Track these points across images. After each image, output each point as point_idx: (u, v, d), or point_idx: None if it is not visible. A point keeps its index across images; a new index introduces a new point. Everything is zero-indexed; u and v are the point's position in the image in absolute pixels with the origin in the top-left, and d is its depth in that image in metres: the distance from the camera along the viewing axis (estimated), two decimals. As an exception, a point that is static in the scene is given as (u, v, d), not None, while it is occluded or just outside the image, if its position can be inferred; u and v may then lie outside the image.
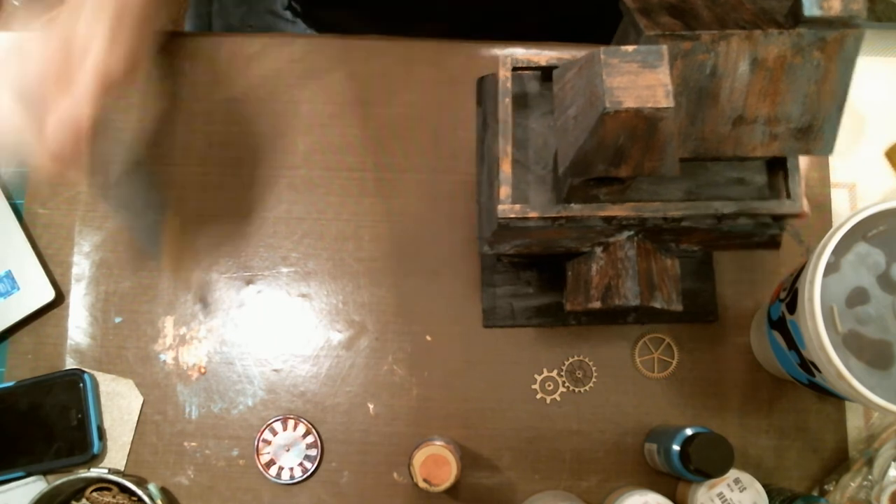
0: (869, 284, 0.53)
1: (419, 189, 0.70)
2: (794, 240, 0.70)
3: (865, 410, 0.67)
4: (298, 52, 0.72)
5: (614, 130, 0.41)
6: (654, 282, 0.53)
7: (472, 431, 0.66)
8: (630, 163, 0.44)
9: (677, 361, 0.67)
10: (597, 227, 0.51)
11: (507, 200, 0.50)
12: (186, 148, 0.71)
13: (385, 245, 0.69)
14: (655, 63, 0.40)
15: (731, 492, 0.60)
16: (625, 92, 0.40)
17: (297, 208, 0.70)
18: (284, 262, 0.69)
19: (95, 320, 0.68)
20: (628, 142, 0.42)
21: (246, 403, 0.67)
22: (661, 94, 0.40)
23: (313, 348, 0.68)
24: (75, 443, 0.65)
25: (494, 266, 0.67)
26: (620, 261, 0.53)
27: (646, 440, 0.66)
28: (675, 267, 0.56)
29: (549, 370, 0.67)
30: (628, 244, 0.53)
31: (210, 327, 0.68)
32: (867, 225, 0.53)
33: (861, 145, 0.72)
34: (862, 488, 0.62)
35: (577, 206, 0.50)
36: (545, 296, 0.67)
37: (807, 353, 0.54)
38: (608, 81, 0.40)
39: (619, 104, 0.40)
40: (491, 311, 0.67)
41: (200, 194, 0.70)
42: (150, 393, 0.67)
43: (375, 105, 0.71)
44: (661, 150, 0.43)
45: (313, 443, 0.66)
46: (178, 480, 0.66)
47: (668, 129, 0.41)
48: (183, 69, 0.72)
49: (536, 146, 0.53)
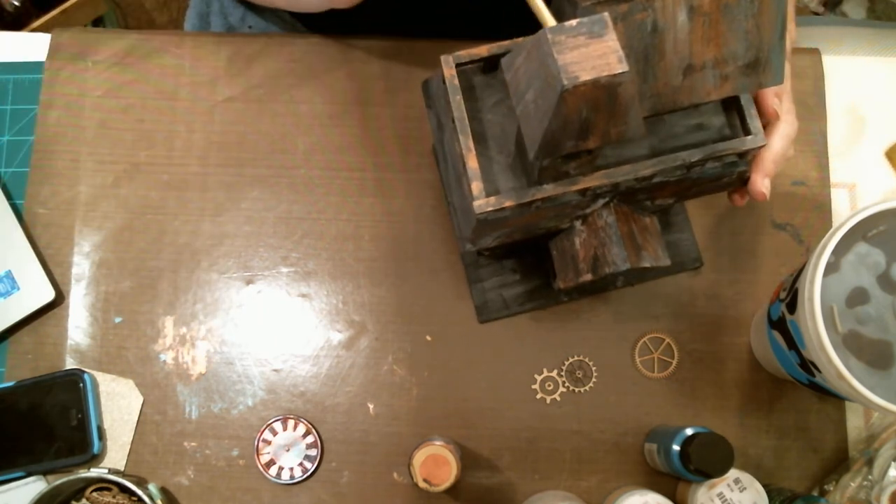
0: (869, 284, 0.53)
1: (419, 189, 0.70)
2: (794, 240, 0.70)
3: (865, 410, 0.67)
4: (298, 52, 0.72)
5: (576, 105, 0.41)
6: (638, 242, 0.53)
7: (472, 431, 0.66)
8: (597, 133, 0.44)
9: (677, 361, 0.67)
10: (572, 201, 0.52)
11: (481, 195, 0.50)
12: (186, 148, 0.71)
13: (385, 245, 0.69)
14: (601, 31, 0.41)
15: (731, 492, 0.60)
16: (579, 66, 0.40)
17: (297, 208, 0.70)
18: (284, 262, 0.69)
19: (95, 320, 0.68)
20: (592, 114, 0.42)
21: (246, 403, 0.67)
22: (614, 61, 0.40)
23: (313, 348, 0.68)
24: (75, 443, 0.65)
25: (477, 261, 0.68)
26: (602, 229, 0.53)
27: (646, 440, 0.66)
28: (655, 223, 0.57)
29: (549, 370, 0.67)
30: (606, 211, 0.53)
31: (210, 327, 0.68)
32: (867, 225, 0.53)
33: (861, 145, 0.72)
34: (862, 488, 0.62)
35: (550, 185, 0.50)
36: (532, 279, 0.68)
37: (807, 353, 0.54)
38: (560, 59, 0.40)
39: (576, 79, 0.40)
40: (483, 306, 0.67)
41: (200, 194, 0.70)
42: (150, 393, 0.67)
43: (375, 105, 0.72)
44: (624, 115, 0.44)
45: (313, 443, 0.66)
46: (178, 480, 0.66)
47: (627, 93, 0.42)
48: (183, 69, 0.72)
49: (495, 135, 0.53)
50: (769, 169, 0.58)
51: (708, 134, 0.54)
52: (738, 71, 0.49)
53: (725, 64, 0.48)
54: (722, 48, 0.47)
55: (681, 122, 0.54)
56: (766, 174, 0.58)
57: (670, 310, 0.68)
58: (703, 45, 0.47)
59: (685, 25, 0.46)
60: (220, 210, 0.70)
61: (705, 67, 0.48)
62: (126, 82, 0.72)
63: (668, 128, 0.54)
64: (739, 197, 0.61)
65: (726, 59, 0.48)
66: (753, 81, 0.50)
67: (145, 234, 0.69)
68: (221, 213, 0.70)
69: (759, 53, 0.48)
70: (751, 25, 0.47)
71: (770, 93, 0.56)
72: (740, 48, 0.48)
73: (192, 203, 0.70)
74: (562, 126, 0.43)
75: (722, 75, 0.49)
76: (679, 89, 0.49)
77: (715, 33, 0.47)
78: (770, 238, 0.69)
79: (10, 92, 0.72)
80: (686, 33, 0.46)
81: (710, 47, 0.47)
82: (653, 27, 0.46)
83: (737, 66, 0.49)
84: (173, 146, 0.71)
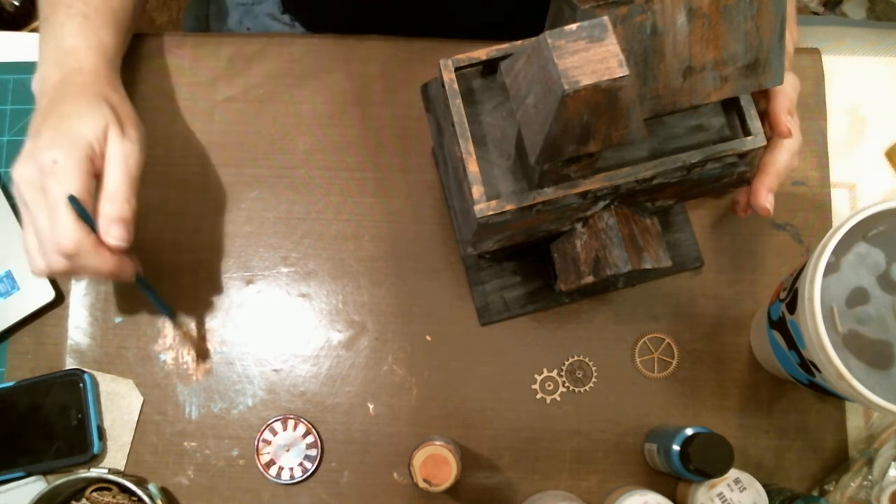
0: (869, 284, 0.53)
1: (419, 189, 0.70)
2: (794, 240, 0.70)
3: (865, 410, 0.67)
4: (298, 52, 0.72)
5: (577, 110, 0.41)
6: (639, 244, 0.53)
7: (472, 431, 0.66)
8: (598, 137, 0.44)
9: (677, 361, 0.67)
10: (573, 204, 0.52)
11: (482, 199, 0.50)
12: (186, 148, 0.71)
13: (385, 245, 0.69)
14: (601, 35, 0.41)
15: (731, 492, 0.60)
16: (579, 70, 0.40)
17: (297, 208, 0.70)
18: (284, 262, 0.69)
19: (95, 320, 0.68)
20: (593, 118, 0.42)
21: (246, 403, 0.67)
22: (614, 65, 0.40)
23: (313, 348, 0.68)
24: (75, 443, 0.65)
25: (478, 264, 0.68)
26: (602, 231, 0.53)
27: (646, 440, 0.66)
28: (656, 225, 0.57)
29: (549, 370, 0.67)
30: (606, 213, 0.53)
31: (210, 327, 0.68)
32: (867, 225, 0.53)
33: (861, 145, 0.72)
34: (862, 488, 0.62)
35: (551, 189, 0.50)
36: (533, 281, 0.68)
37: (807, 353, 0.54)
38: (560, 64, 0.40)
39: (577, 83, 0.40)
40: (484, 309, 0.67)
41: (200, 194, 0.70)
42: (150, 393, 0.67)
43: (375, 105, 0.72)
44: (625, 118, 0.44)
45: (313, 443, 0.66)
46: (178, 480, 0.66)
47: (628, 97, 0.42)
48: (183, 69, 0.72)
49: (495, 139, 0.53)
50: (773, 183, 0.58)
51: (708, 135, 0.54)
52: (738, 72, 0.49)
53: (725, 65, 0.48)
54: (721, 50, 0.47)
55: (681, 124, 0.54)
56: (769, 189, 0.58)
57: (670, 310, 0.68)
58: (702, 46, 0.47)
59: (684, 27, 0.46)
60: (220, 210, 0.70)
61: (705, 69, 0.48)
62: (126, 82, 0.72)
63: (668, 129, 0.54)
64: (741, 209, 0.61)
65: (726, 61, 0.48)
66: (753, 82, 0.50)
67: (145, 234, 0.69)
68: (221, 213, 0.70)
69: (758, 55, 0.48)
70: (750, 27, 0.47)
71: (783, 110, 0.55)
72: (740, 49, 0.48)
73: (192, 203, 0.70)
74: (563, 130, 0.43)
75: (722, 77, 0.49)
76: (679, 91, 0.49)
77: (714, 35, 0.47)
78: (770, 238, 0.69)
79: (10, 92, 0.72)
80: (685, 35, 0.46)
81: (709, 49, 0.47)
82: (652, 29, 0.46)
83: (736, 68, 0.49)
84: (173, 146, 0.71)
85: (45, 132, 0.54)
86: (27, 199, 0.53)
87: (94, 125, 0.55)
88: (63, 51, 0.59)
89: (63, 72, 0.58)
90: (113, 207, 0.54)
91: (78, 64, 0.59)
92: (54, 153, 0.53)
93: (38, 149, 0.53)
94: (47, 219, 0.52)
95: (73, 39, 0.59)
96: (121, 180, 0.55)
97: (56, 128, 0.54)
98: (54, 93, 0.57)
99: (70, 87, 0.57)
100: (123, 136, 0.56)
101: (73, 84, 0.57)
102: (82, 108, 0.56)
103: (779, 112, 0.55)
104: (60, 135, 0.54)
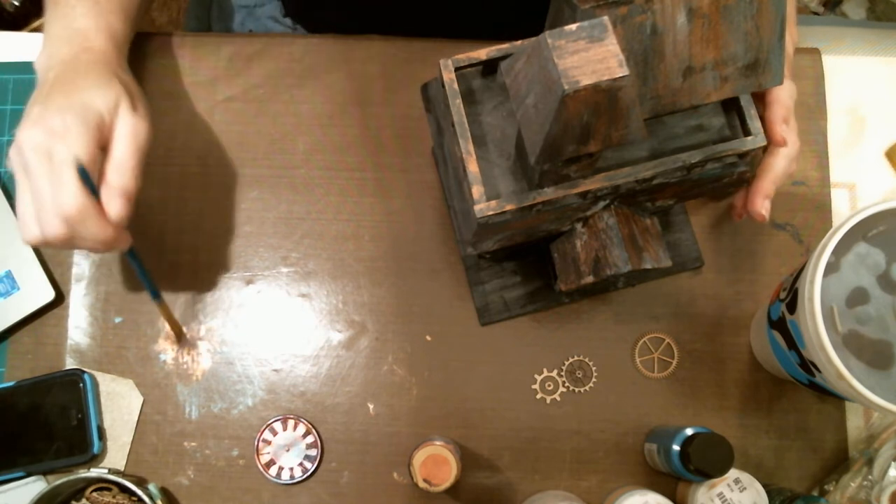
0: (869, 284, 0.53)
1: (419, 189, 0.70)
2: (794, 240, 0.70)
3: (865, 410, 0.67)
4: (298, 52, 0.72)
5: (577, 110, 0.41)
6: (639, 244, 0.53)
7: (472, 431, 0.66)
8: (598, 137, 0.44)
9: (677, 361, 0.67)
10: (573, 204, 0.52)
11: (482, 199, 0.50)
12: (186, 148, 0.71)
13: (385, 245, 0.69)
14: (601, 35, 0.41)
15: (731, 492, 0.60)
16: (579, 70, 0.40)
17: (297, 208, 0.70)
18: (284, 262, 0.69)
19: (95, 320, 0.68)
20: (593, 118, 0.42)
21: (246, 403, 0.67)
22: (614, 65, 0.40)
23: (313, 348, 0.68)
24: (75, 443, 0.65)
25: (478, 264, 0.68)
26: (602, 231, 0.53)
27: (646, 440, 0.66)
28: (656, 225, 0.57)
29: (549, 370, 0.67)
30: (606, 213, 0.53)
31: (210, 327, 0.68)
32: (867, 225, 0.53)
33: (861, 145, 0.72)
34: (862, 488, 0.62)
35: (551, 189, 0.50)
36: (533, 281, 0.68)
37: (807, 353, 0.54)
38: (560, 64, 0.40)
39: (577, 83, 0.40)
40: (484, 309, 0.67)
41: (200, 194, 0.70)
42: (150, 393, 0.67)
43: (375, 105, 0.72)
44: (625, 118, 0.44)
45: (313, 443, 0.66)
46: (178, 480, 0.66)
47: (628, 97, 0.42)
48: (183, 69, 0.72)
49: (495, 139, 0.53)
50: (769, 190, 0.58)
51: (708, 135, 0.54)
52: (738, 72, 0.49)
53: (725, 65, 0.48)
54: (721, 50, 0.48)
55: (681, 124, 0.54)
56: (766, 196, 0.58)
57: (670, 310, 0.68)
58: (702, 46, 0.47)
59: (684, 27, 0.46)
60: (220, 210, 0.70)
61: (705, 69, 0.48)
62: (126, 82, 0.72)
63: (668, 129, 0.54)
64: (737, 214, 0.62)
65: (726, 61, 0.48)
66: (753, 82, 0.50)
67: (145, 234, 0.69)
68: (221, 213, 0.70)
69: (758, 55, 0.48)
70: (750, 27, 0.47)
71: (778, 119, 0.56)
72: (740, 49, 0.48)
73: (192, 203, 0.70)
74: (563, 130, 0.43)
75: (722, 77, 0.49)
76: (679, 91, 0.49)
77: (714, 35, 0.47)
78: (770, 238, 0.69)
79: (10, 92, 0.72)
80: (685, 35, 0.46)
81: (709, 49, 0.47)
82: (652, 29, 0.46)
83: (736, 68, 0.49)
84: (173, 146, 0.71)
85: (55, 99, 0.54)
86: (30, 162, 0.52)
87: (106, 98, 0.55)
88: (73, 30, 0.59)
89: (74, 49, 0.58)
90: (120, 177, 0.54)
91: (88, 43, 0.59)
92: (65, 117, 0.53)
93: (48, 114, 0.53)
94: (50, 182, 0.52)
95: (85, 20, 0.59)
96: (130, 153, 0.55)
97: (68, 96, 0.54)
98: (63, 66, 0.57)
99: (81, 63, 0.57)
100: (135, 111, 0.56)
101: (84, 61, 0.58)
102: (95, 81, 0.56)
103: (774, 121, 0.56)
104: (71, 103, 0.54)
